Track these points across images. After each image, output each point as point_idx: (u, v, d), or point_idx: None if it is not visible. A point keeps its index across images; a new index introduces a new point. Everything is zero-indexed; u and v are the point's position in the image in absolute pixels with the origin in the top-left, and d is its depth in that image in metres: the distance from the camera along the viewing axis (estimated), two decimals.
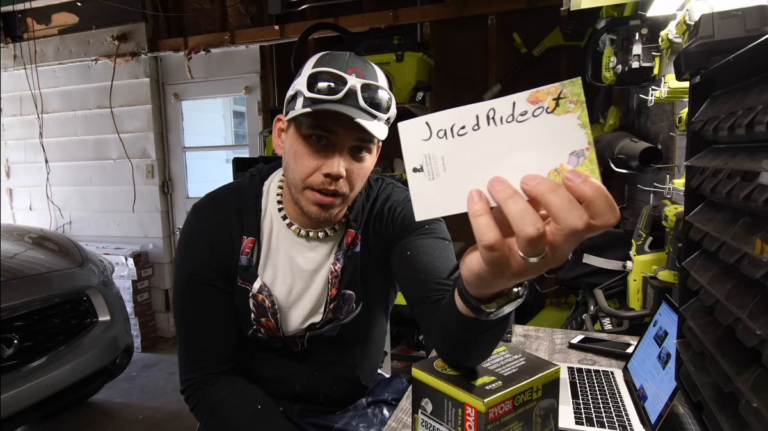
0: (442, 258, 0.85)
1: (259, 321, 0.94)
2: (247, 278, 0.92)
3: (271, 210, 0.95)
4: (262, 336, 0.96)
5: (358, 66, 0.82)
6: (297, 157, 0.84)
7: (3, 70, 3.97)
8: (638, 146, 1.84)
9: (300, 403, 1.05)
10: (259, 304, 0.92)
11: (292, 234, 0.93)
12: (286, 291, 0.94)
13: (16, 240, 2.51)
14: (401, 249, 0.90)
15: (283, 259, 0.94)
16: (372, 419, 1.09)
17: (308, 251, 0.94)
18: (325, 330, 0.97)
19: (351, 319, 0.97)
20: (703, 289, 0.63)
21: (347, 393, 1.08)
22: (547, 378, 0.69)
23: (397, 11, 3.10)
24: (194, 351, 0.93)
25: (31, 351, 2.00)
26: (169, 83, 3.78)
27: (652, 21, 1.60)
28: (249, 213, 0.92)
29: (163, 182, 3.81)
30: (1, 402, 1.79)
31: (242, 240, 0.91)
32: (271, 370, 1.01)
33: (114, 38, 3.67)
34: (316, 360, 1.01)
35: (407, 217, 0.94)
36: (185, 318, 0.93)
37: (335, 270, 0.93)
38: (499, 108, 0.44)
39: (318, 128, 0.81)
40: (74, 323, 2.24)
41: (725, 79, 0.65)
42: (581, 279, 1.99)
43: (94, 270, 2.48)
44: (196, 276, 0.91)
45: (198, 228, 0.92)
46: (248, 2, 3.51)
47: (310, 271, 0.94)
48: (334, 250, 0.95)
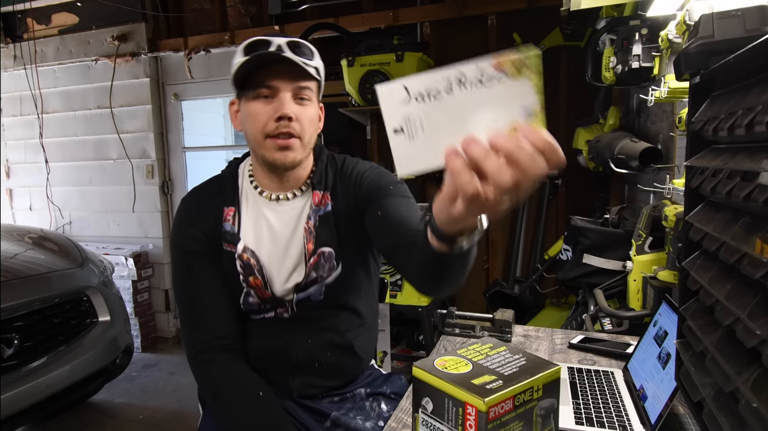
0: (410, 211, 0.97)
1: (248, 281, 1.02)
2: (231, 241, 1.02)
3: (245, 184, 1.08)
4: (254, 300, 1.03)
5: (281, 34, 0.99)
6: (252, 117, 0.97)
7: (3, 70, 3.97)
8: (638, 146, 1.84)
9: (298, 376, 1.07)
10: (246, 264, 1.01)
11: (265, 200, 1.06)
12: (266, 251, 1.03)
13: (16, 240, 2.51)
14: (373, 211, 1.00)
15: (259, 223, 1.05)
16: (369, 412, 1.10)
17: (280, 213, 1.05)
18: (312, 293, 1.04)
19: (334, 279, 1.04)
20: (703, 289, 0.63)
21: (343, 363, 1.10)
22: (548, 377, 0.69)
23: (397, 11, 3.10)
24: (194, 319, 1.03)
25: (31, 351, 2.00)
26: (169, 83, 3.78)
27: (652, 21, 1.60)
28: (228, 189, 1.07)
29: (163, 182, 3.81)
30: (1, 402, 1.79)
31: (224, 211, 1.04)
32: (268, 342, 1.06)
33: (114, 38, 3.67)
34: (307, 327, 1.06)
35: (374, 181, 1.05)
36: (184, 290, 1.05)
37: (309, 227, 1.03)
38: (468, 73, 0.52)
39: (260, 86, 0.95)
40: (74, 323, 2.24)
41: (725, 79, 0.65)
42: (581, 279, 1.99)
43: (94, 270, 2.48)
44: (187, 250, 1.03)
45: (185, 211, 1.06)
46: (248, 2, 3.52)
47: (285, 231, 1.04)
48: (306, 210, 1.05)
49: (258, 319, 1.06)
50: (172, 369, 3.29)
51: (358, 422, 1.07)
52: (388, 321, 2.59)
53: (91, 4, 3.72)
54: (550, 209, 3.09)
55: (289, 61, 0.93)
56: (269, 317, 1.06)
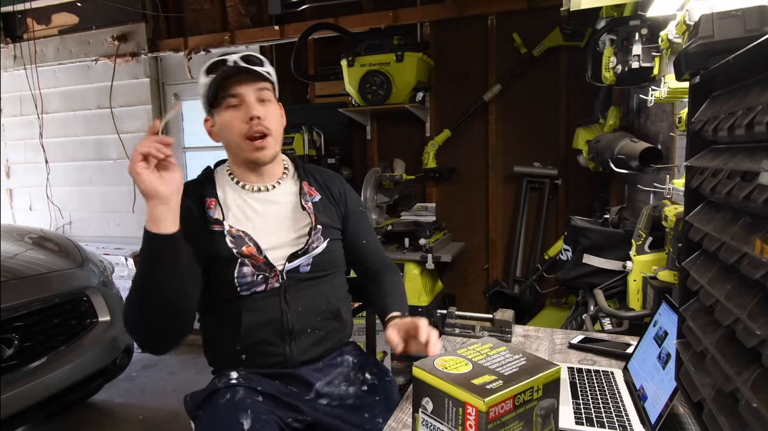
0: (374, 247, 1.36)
1: (241, 251, 1.12)
2: (216, 222, 1.14)
3: (223, 181, 1.22)
4: (247, 269, 1.13)
5: (232, 52, 1.15)
6: (227, 124, 1.15)
7: (3, 70, 3.97)
8: (638, 146, 1.84)
9: (294, 343, 1.16)
10: (235, 236, 1.13)
11: (247, 191, 1.20)
12: (255, 227, 1.16)
13: (16, 240, 2.51)
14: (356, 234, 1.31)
15: (243, 208, 1.19)
16: (354, 379, 1.22)
17: (264, 200, 1.20)
18: (301, 263, 1.18)
19: (319, 252, 1.20)
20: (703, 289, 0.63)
21: (332, 327, 1.23)
22: (548, 377, 0.69)
23: (397, 11, 3.10)
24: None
25: (31, 351, 2.00)
26: (169, 83, 3.78)
27: (652, 21, 1.60)
28: (206, 186, 1.20)
29: None
30: (1, 402, 1.79)
31: (205, 201, 1.17)
32: (263, 315, 1.14)
33: (114, 38, 3.68)
34: (298, 297, 1.17)
35: (351, 196, 1.33)
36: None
37: (309, 207, 1.21)
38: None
39: (228, 97, 1.13)
40: (74, 323, 2.24)
41: (725, 79, 0.65)
42: (581, 279, 1.99)
43: (94, 270, 2.48)
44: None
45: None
46: (248, 2, 3.52)
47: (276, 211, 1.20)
48: (296, 195, 1.23)
49: (249, 295, 1.14)
50: (172, 369, 3.29)
51: (342, 388, 1.19)
52: None
53: (91, 4, 3.72)
54: (550, 209, 3.09)
55: (246, 70, 1.12)
56: (260, 291, 1.14)
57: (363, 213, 1.35)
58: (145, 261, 0.99)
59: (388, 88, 2.87)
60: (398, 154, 3.33)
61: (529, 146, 3.08)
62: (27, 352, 1.98)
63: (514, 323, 1.37)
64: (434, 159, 3.17)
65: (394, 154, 3.34)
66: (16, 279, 2.06)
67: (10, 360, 1.91)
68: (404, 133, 3.32)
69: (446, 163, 3.21)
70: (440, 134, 3.15)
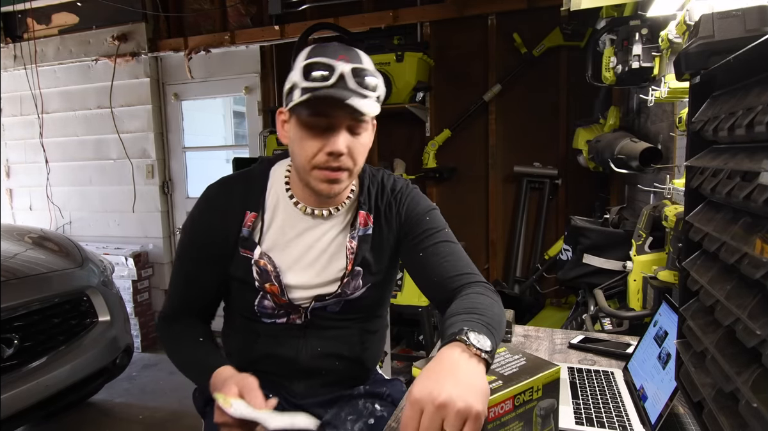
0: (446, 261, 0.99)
1: (263, 287, 1.01)
2: (248, 247, 1.01)
3: (277, 189, 1.04)
4: (269, 303, 1.03)
5: (346, 53, 0.90)
6: (301, 142, 0.93)
7: (3, 70, 3.97)
8: (638, 146, 1.84)
9: (304, 381, 1.07)
10: (262, 269, 1.00)
11: (299, 212, 1.03)
12: (288, 259, 1.02)
13: (16, 240, 2.51)
14: (413, 249, 1.02)
15: (287, 232, 1.03)
16: (362, 410, 1.10)
17: (314, 227, 1.03)
18: (329, 304, 1.04)
19: (354, 298, 1.04)
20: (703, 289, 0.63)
21: (350, 372, 1.10)
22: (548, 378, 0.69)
23: (397, 11, 3.10)
24: (173, 300, 1.07)
25: (31, 351, 2.00)
26: (169, 83, 3.78)
27: (652, 21, 1.60)
28: (254, 191, 1.03)
29: (163, 182, 3.81)
30: (1, 402, 1.79)
31: (245, 215, 1.01)
32: (277, 347, 1.06)
33: (114, 38, 3.67)
34: (318, 335, 1.06)
35: (411, 208, 1.05)
36: (177, 274, 1.07)
37: (351, 247, 1.02)
38: None
39: (316, 114, 0.90)
40: (74, 323, 2.23)
41: (725, 79, 0.65)
42: (581, 279, 1.99)
43: (94, 270, 2.48)
44: (193, 244, 1.04)
45: (203, 209, 1.04)
46: (248, 2, 3.51)
47: (319, 246, 1.03)
48: (347, 228, 1.04)
49: (269, 323, 1.06)
50: (172, 369, 3.27)
51: (347, 426, 1.06)
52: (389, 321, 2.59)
53: (91, 4, 3.72)
54: (550, 209, 3.09)
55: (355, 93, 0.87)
56: (280, 323, 1.05)
57: (426, 221, 1.04)
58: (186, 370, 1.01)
59: (388, 88, 2.87)
60: (398, 154, 3.33)
61: (529, 146, 3.08)
62: (27, 352, 1.98)
63: (514, 323, 1.37)
64: (434, 159, 3.17)
65: (394, 154, 3.34)
66: (16, 279, 2.06)
67: (10, 360, 1.91)
68: (404, 133, 3.32)
69: (446, 163, 3.21)
70: (440, 134, 3.15)
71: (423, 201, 1.08)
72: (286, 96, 0.94)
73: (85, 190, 3.98)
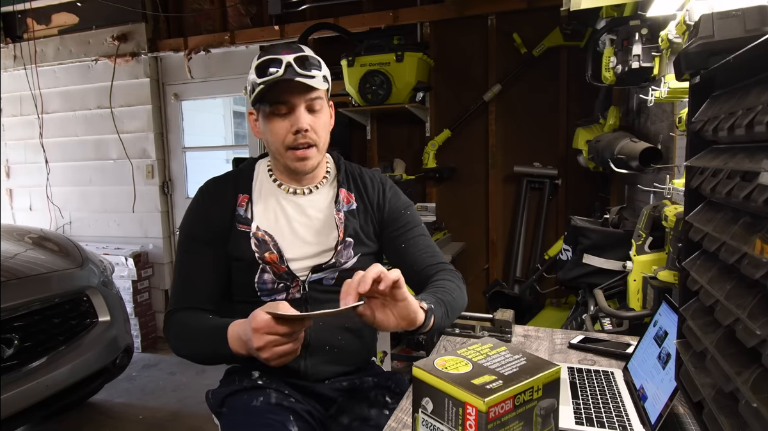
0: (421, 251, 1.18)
1: (263, 257, 1.09)
2: (245, 222, 1.12)
3: (262, 176, 1.19)
4: (268, 276, 1.10)
5: (288, 48, 1.07)
6: (272, 131, 1.09)
7: (3, 70, 3.97)
8: (638, 146, 1.84)
9: (309, 359, 1.11)
10: (260, 240, 1.10)
11: (282, 191, 1.17)
12: (282, 232, 1.13)
13: (16, 240, 2.51)
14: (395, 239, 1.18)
15: (275, 209, 1.15)
16: (374, 401, 1.15)
17: (299, 205, 1.16)
18: (325, 275, 1.13)
19: (348, 267, 1.14)
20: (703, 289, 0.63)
21: (352, 347, 1.17)
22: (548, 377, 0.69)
23: (397, 11, 3.10)
24: (180, 289, 1.12)
25: (31, 351, 2.00)
26: (169, 83, 3.78)
27: (652, 21, 1.60)
28: (243, 179, 1.17)
29: (163, 182, 3.81)
30: (1, 402, 1.79)
31: (238, 198, 1.14)
32: None
33: (114, 38, 3.68)
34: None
35: (393, 200, 1.22)
36: (180, 267, 1.14)
37: (339, 218, 1.15)
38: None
39: (276, 103, 1.07)
40: (74, 323, 2.24)
41: (725, 79, 0.65)
42: (581, 279, 1.99)
43: (94, 270, 2.48)
44: (192, 236, 1.13)
45: (199, 201, 1.16)
46: (248, 2, 3.51)
47: (306, 219, 1.15)
48: (331, 204, 1.17)
49: (269, 301, 1.09)
50: (172, 369, 3.30)
51: (364, 408, 1.11)
52: None
53: (91, 4, 3.72)
54: (550, 209, 3.09)
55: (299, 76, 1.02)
56: (280, 299, 1.11)
57: (405, 215, 1.20)
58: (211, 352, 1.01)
59: (388, 88, 2.87)
60: (398, 154, 3.33)
61: (529, 146, 3.08)
62: (27, 352, 1.98)
63: (514, 323, 1.37)
64: (434, 159, 3.17)
65: (394, 154, 3.34)
66: (16, 279, 2.06)
67: (10, 360, 1.91)
68: (404, 133, 3.32)
69: (446, 163, 3.21)
70: (440, 134, 3.15)
71: (402, 195, 1.25)
72: (250, 98, 1.10)
73: (85, 190, 3.98)
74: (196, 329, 1.03)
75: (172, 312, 1.10)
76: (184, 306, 1.10)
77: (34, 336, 2.03)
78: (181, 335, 1.07)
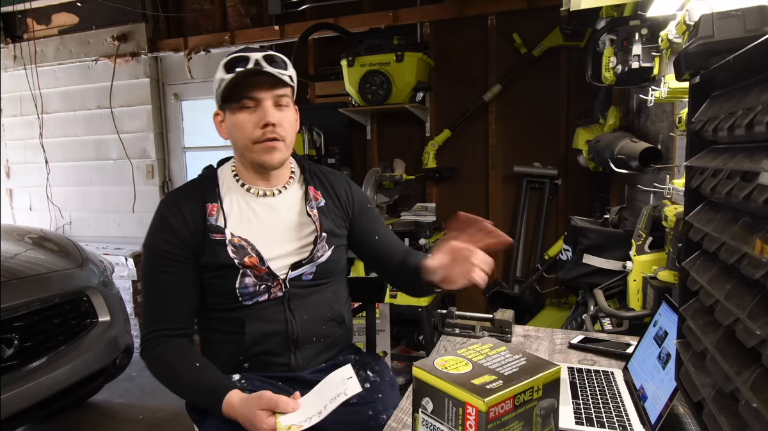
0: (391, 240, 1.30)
1: (243, 262, 1.10)
2: (218, 231, 1.11)
3: (228, 182, 1.18)
4: (249, 280, 1.11)
5: (255, 50, 1.11)
6: (239, 126, 1.09)
7: (3, 71, 3.97)
8: (638, 146, 1.84)
9: (299, 352, 1.16)
10: (237, 246, 1.10)
11: (252, 195, 1.17)
12: (258, 235, 1.13)
13: (16, 240, 2.51)
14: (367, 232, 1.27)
15: (247, 214, 1.15)
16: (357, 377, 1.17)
17: (269, 206, 1.17)
18: (304, 271, 1.16)
19: (324, 260, 1.18)
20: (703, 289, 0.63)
21: (337, 334, 1.23)
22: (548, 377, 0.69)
23: (397, 11, 3.10)
24: (151, 312, 1.12)
25: (31, 351, 2.00)
26: (169, 83, 3.78)
27: (652, 21, 1.60)
28: (208, 188, 1.16)
29: (163, 182, 3.81)
30: (1, 402, 1.79)
31: (207, 207, 1.13)
32: (267, 325, 1.13)
33: (114, 38, 3.68)
34: (302, 305, 1.16)
35: (357, 195, 1.28)
36: (149, 286, 1.13)
37: (314, 215, 1.18)
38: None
39: (244, 98, 1.08)
40: (74, 323, 2.23)
41: (725, 79, 0.65)
42: (581, 279, 1.99)
43: (94, 270, 2.48)
44: (157, 251, 1.11)
45: (164, 215, 1.13)
46: (248, 2, 3.52)
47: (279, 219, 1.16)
48: (301, 201, 1.20)
49: (252, 304, 1.12)
50: None
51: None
52: (388, 321, 2.59)
53: (91, 4, 3.72)
54: (550, 209, 3.09)
55: (268, 74, 1.06)
56: (263, 300, 1.13)
57: (371, 209, 1.30)
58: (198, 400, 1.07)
59: (388, 88, 2.87)
60: (398, 154, 3.33)
61: (529, 146, 3.08)
62: (27, 352, 1.98)
63: (514, 323, 1.37)
64: (434, 159, 3.17)
65: (394, 154, 3.34)
66: (16, 279, 2.06)
67: (10, 360, 1.91)
68: (404, 133, 3.32)
69: (446, 163, 3.21)
70: (440, 134, 3.15)
71: (362, 191, 1.33)
72: (217, 96, 1.12)
73: (85, 190, 3.98)
74: (188, 380, 1.06)
75: (150, 339, 1.09)
76: (162, 329, 1.10)
77: (34, 336, 2.02)
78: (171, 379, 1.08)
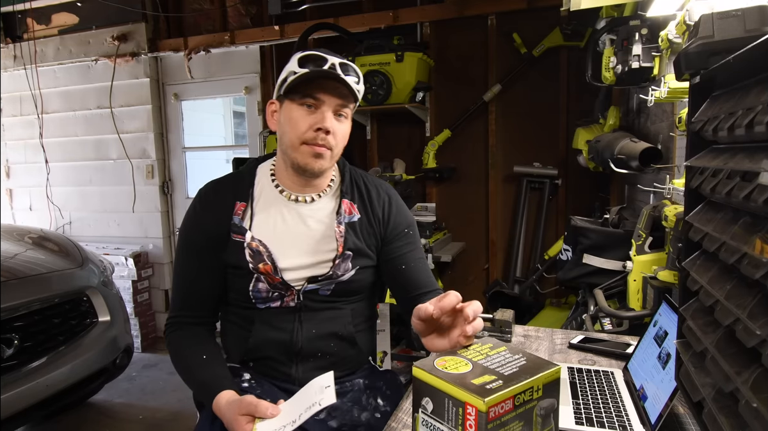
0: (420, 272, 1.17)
1: (257, 268, 1.08)
2: (239, 232, 1.09)
3: (264, 181, 1.15)
4: (263, 286, 1.09)
5: (334, 53, 1.07)
6: (293, 121, 1.05)
7: (3, 70, 3.97)
8: (638, 146, 1.84)
9: (300, 365, 1.12)
10: (254, 251, 1.08)
11: (284, 198, 1.13)
12: (279, 242, 1.10)
13: (16, 240, 2.51)
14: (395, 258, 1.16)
15: (274, 217, 1.12)
16: (366, 405, 1.14)
17: (299, 213, 1.13)
18: (321, 286, 1.11)
19: (346, 279, 1.12)
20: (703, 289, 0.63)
21: (345, 354, 1.16)
22: (548, 377, 0.69)
23: (397, 11, 3.10)
24: (179, 297, 1.15)
25: (31, 351, 2.00)
26: (169, 83, 3.78)
27: (652, 21, 1.60)
28: (243, 185, 1.14)
29: (163, 182, 3.81)
30: (1, 402, 1.79)
31: (235, 205, 1.11)
32: (273, 331, 1.12)
33: (114, 38, 3.68)
34: (312, 318, 1.12)
35: (396, 216, 1.19)
36: (178, 271, 1.15)
37: (339, 231, 1.12)
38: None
39: (308, 96, 1.04)
40: (74, 323, 2.23)
41: (725, 79, 0.65)
42: (581, 279, 1.99)
43: (94, 270, 2.48)
44: (190, 241, 1.13)
45: (196, 207, 1.14)
46: (248, 2, 3.51)
47: (305, 229, 1.12)
48: (332, 214, 1.14)
49: (264, 308, 1.12)
50: (172, 369, 3.27)
51: (354, 413, 1.10)
52: (388, 321, 2.59)
53: (91, 4, 3.72)
54: (550, 209, 3.09)
55: (341, 81, 1.02)
56: (275, 306, 1.11)
57: (408, 235, 1.19)
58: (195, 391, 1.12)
59: (388, 88, 2.87)
60: (398, 154, 3.33)
61: (529, 146, 3.08)
62: (27, 352, 1.98)
63: (514, 323, 1.37)
64: (434, 159, 3.17)
65: (394, 154, 3.34)
66: (16, 279, 2.06)
67: (10, 360, 1.91)
68: (404, 133, 3.32)
69: (446, 163, 3.21)
70: (440, 134, 3.15)
71: (407, 213, 1.23)
72: (279, 86, 1.08)
73: (85, 190, 3.98)
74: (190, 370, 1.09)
75: (172, 324, 1.14)
76: (184, 315, 1.13)
77: (34, 336, 2.03)
78: (177, 366, 1.13)
